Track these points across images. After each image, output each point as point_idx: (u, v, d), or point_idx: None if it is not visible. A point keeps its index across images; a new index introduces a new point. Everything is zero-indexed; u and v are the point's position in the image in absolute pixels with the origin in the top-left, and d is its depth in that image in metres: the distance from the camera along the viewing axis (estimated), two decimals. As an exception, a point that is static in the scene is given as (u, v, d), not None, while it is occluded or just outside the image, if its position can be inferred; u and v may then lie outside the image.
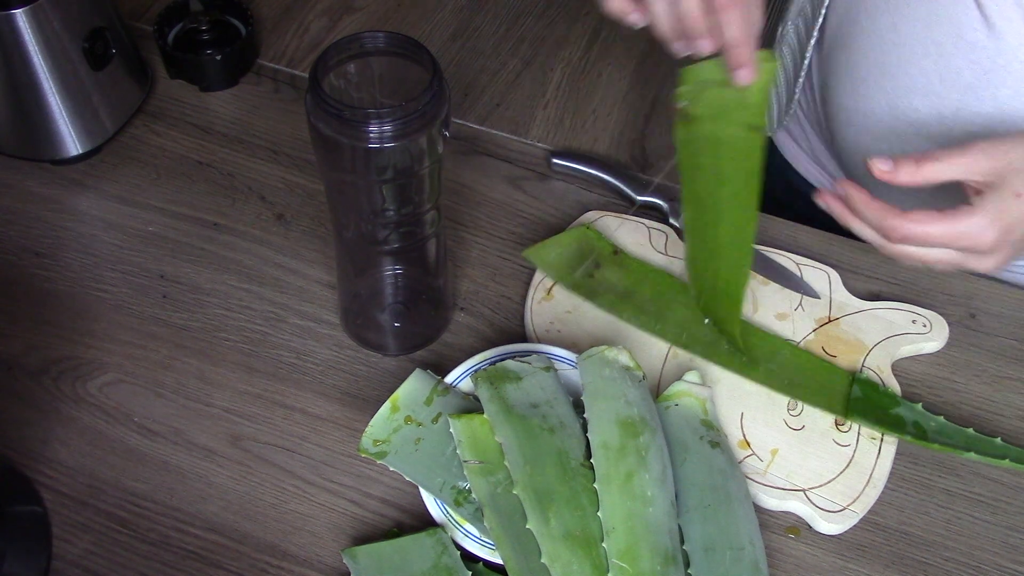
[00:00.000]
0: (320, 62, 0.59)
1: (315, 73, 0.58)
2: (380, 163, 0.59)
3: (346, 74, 0.61)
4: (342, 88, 0.61)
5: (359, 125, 0.57)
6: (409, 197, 0.63)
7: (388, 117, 0.57)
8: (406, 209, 0.64)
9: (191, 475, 0.69)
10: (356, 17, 1.00)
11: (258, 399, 0.73)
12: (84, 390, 0.73)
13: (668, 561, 0.59)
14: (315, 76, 0.58)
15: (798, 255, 0.80)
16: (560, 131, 0.91)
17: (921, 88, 0.75)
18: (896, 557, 0.67)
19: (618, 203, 0.85)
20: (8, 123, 0.83)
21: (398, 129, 0.57)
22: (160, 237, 0.82)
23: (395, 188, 0.62)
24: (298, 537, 0.67)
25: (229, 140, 0.89)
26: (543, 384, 0.66)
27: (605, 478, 0.60)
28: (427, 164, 0.61)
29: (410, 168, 0.60)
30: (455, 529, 0.64)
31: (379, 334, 0.76)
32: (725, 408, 0.72)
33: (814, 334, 0.76)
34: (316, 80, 0.58)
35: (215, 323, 0.77)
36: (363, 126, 0.57)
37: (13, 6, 0.76)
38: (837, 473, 0.69)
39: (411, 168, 0.60)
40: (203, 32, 0.91)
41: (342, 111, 0.57)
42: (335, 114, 0.57)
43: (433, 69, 0.59)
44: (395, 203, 0.63)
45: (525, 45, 0.98)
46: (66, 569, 0.65)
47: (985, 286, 0.80)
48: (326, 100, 0.57)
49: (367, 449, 0.66)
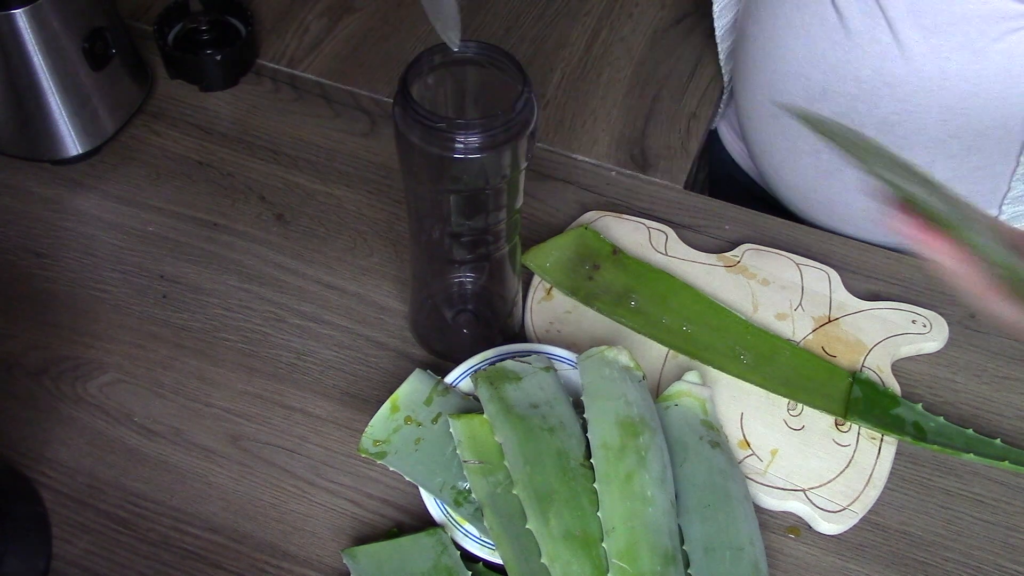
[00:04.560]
0: (411, 70, 0.58)
1: (404, 82, 0.57)
2: (467, 173, 0.58)
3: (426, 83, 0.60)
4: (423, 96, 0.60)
5: (449, 135, 0.56)
6: (492, 207, 0.62)
7: (479, 128, 0.56)
8: (488, 219, 0.62)
9: (191, 475, 0.69)
10: (356, 17, 1.00)
11: (258, 399, 0.73)
12: (84, 390, 0.73)
13: (668, 561, 0.59)
14: (404, 84, 0.57)
15: (798, 255, 0.80)
16: (560, 131, 0.91)
17: (793, 72, 0.80)
18: (896, 557, 0.67)
19: (618, 203, 0.85)
20: (8, 123, 0.83)
21: (487, 140, 0.56)
22: (160, 237, 0.82)
23: (479, 198, 0.61)
24: (298, 537, 0.67)
25: (229, 140, 0.89)
26: (543, 384, 0.66)
27: (605, 478, 0.60)
28: (512, 174, 0.60)
29: (495, 178, 0.59)
30: (455, 529, 0.64)
31: (446, 343, 0.75)
32: (725, 408, 0.72)
33: (814, 334, 0.76)
34: (406, 88, 0.57)
35: (215, 323, 0.77)
36: (453, 136, 0.56)
37: (13, 6, 0.76)
38: (837, 473, 0.69)
39: (496, 178, 0.59)
40: (203, 32, 0.91)
41: (434, 121, 0.56)
42: (426, 124, 0.56)
43: (523, 79, 0.58)
44: (478, 213, 0.62)
45: (525, 45, 0.98)
46: (66, 569, 0.65)
47: (985, 286, 0.80)
48: (416, 110, 0.56)
49: (367, 449, 0.66)
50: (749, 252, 0.81)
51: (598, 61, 0.97)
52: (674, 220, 0.84)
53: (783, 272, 0.79)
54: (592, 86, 0.95)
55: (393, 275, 0.80)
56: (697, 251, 0.81)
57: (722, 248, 0.82)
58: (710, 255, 0.81)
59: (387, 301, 0.78)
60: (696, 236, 0.83)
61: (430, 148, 0.57)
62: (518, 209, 0.64)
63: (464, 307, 0.72)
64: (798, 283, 0.79)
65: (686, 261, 0.80)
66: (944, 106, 0.75)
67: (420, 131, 0.57)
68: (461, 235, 0.63)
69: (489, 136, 0.56)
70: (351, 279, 0.80)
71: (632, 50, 0.98)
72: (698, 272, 0.79)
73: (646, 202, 0.86)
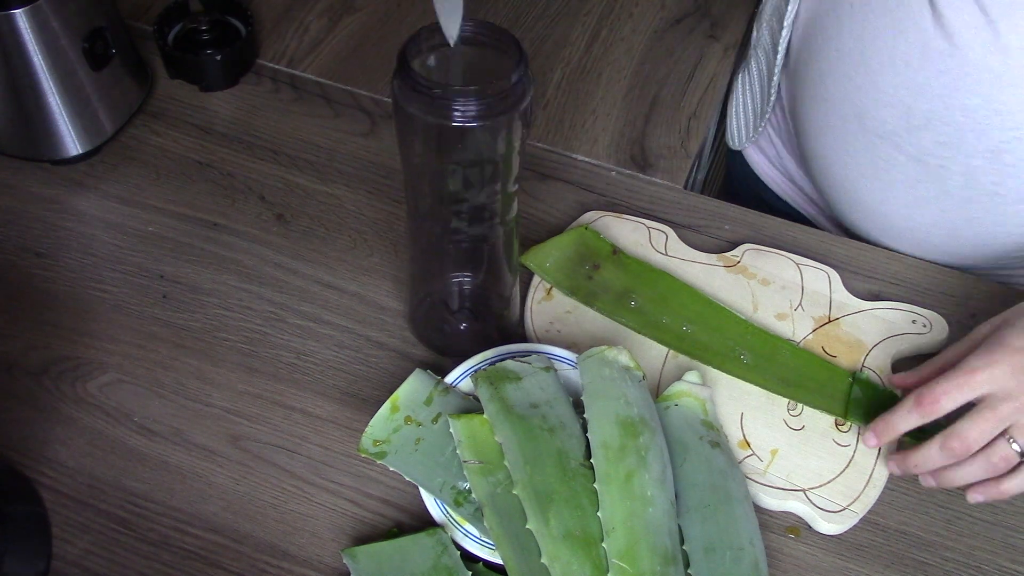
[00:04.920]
0: (410, 43, 0.59)
1: (403, 55, 0.58)
2: (465, 143, 0.59)
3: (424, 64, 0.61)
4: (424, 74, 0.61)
5: (447, 103, 0.57)
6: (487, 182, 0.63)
7: (476, 96, 0.57)
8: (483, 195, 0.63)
9: (191, 475, 0.69)
10: (356, 17, 1.00)
11: (258, 399, 0.73)
12: (84, 390, 0.73)
13: (668, 561, 0.59)
14: (403, 58, 0.58)
15: (798, 255, 0.80)
16: (560, 131, 0.91)
17: (889, 100, 0.76)
18: (896, 557, 0.67)
19: (618, 203, 0.85)
20: (8, 123, 0.83)
21: (485, 108, 0.57)
22: (160, 237, 0.82)
23: (475, 172, 0.61)
24: (298, 537, 0.67)
25: (229, 140, 0.89)
26: (543, 384, 0.66)
27: (605, 478, 0.60)
28: (508, 148, 0.61)
29: (492, 151, 0.60)
30: (455, 529, 0.64)
31: (445, 337, 0.75)
32: (725, 408, 0.72)
33: (814, 334, 0.76)
34: (405, 60, 0.58)
35: (215, 323, 0.77)
36: (451, 104, 0.57)
37: (13, 6, 0.76)
38: (837, 473, 0.69)
39: (493, 151, 0.60)
40: (203, 32, 0.91)
41: (431, 89, 0.57)
42: (424, 93, 0.57)
43: (519, 53, 0.59)
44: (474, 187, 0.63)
45: (525, 45, 0.98)
46: (66, 569, 0.65)
47: (985, 286, 0.80)
48: (415, 79, 0.57)
49: (367, 449, 0.66)
50: (749, 252, 0.81)
51: (598, 61, 0.97)
52: (674, 220, 0.84)
53: (783, 272, 0.79)
54: (592, 86, 0.95)
55: (393, 275, 0.80)
56: (697, 251, 0.81)
57: (722, 248, 0.82)
58: (710, 255, 0.81)
59: (387, 301, 0.78)
60: (696, 236, 0.83)
61: (428, 118, 0.58)
62: (514, 191, 0.65)
63: (462, 304, 0.72)
64: (798, 283, 0.79)
65: (686, 261, 0.80)
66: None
67: (419, 101, 0.58)
68: (459, 212, 0.64)
69: (486, 105, 0.57)
70: (351, 279, 0.80)
71: (632, 50, 0.98)
72: (698, 272, 0.79)
73: (646, 202, 0.86)
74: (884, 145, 0.78)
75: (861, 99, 0.78)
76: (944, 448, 0.64)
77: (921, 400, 0.64)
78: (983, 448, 0.63)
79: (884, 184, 0.81)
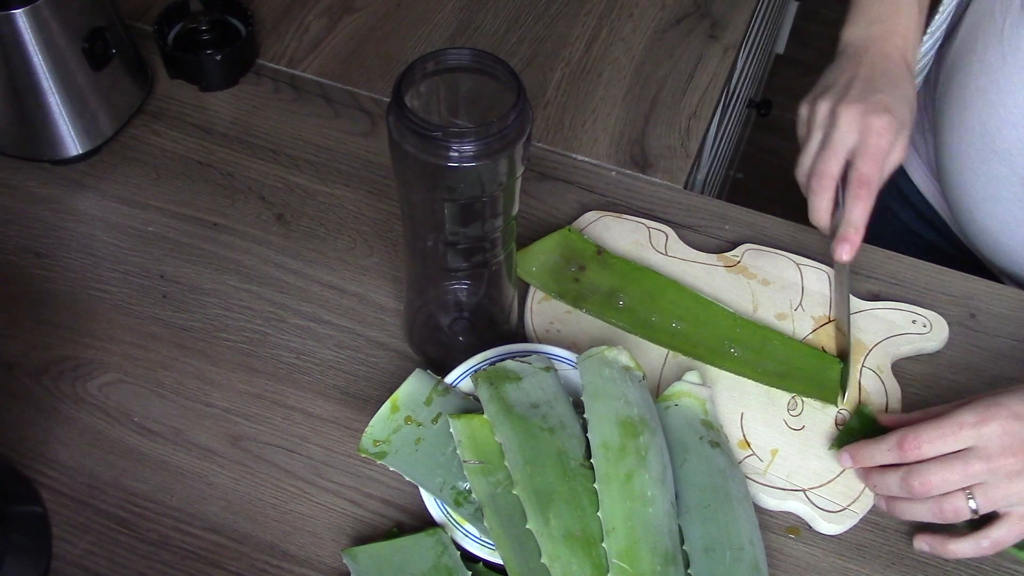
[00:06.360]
0: (404, 78, 0.58)
1: (398, 90, 0.57)
2: (462, 181, 0.58)
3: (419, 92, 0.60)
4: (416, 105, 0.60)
5: (444, 144, 0.56)
6: (488, 214, 0.62)
7: (474, 136, 0.56)
8: (484, 226, 0.62)
9: (191, 475, 0.69)
10: (356, 17, 1.00)
11: (258, 399, 0.73)
12: (84, 390, 0.73)
13: (668, 561, 0.59)
14: (398, 93, 0.57)
15: (798, 255, 0.80)
16: (560, 131, 0.91)
17: (1013, 119, 0.77)
18: (896, 557, 0.67)
19: (618, 203, 0.85)
20: (8, 123, 0.83)
21: (482, 148, 0.56)
22: (160, 237, 0.82)
23: (474, 206, 0.60)
24: (298, 537, 0.67)
25: (229, 140, 0.89)
26: (543, 384, 0.66)
27: (605, 478, 0.60)
28: (510, 179, 0.60)
29: (491, 186, 0.59)
30: (455, 529, 0.64)
31: (442, 349, 0.74)
32: (725, 408, 0.72)
33: (814, 334, 0.76)
34: (400, 97, 0.57)
35: (215, 323, 0.77)
36: (448, 145, 0.56)
37: (13, 6, 0.76)
38: (837, 473, 0.69)
39: (491, 186, 0.59)
40: (203, 32, 0.91)
41: (429, 130, 0.56)
42: (420, 132, 0.56)
43: (517, 88, 0.58)
44: (473, 221, 0.62)
45: (525, 45, 0.98)
46: (66, 569, 0.65)
47: (985, 286, 0.80)
48: (410, 118, 0.56)
49: (367, 449, 0.66)
50: (749, 252, 0.81)
51: (598, 61, 0.97)
52: (674, 220, 0.84)
53: (783, 272, 0.79)
54: (592, 86, 0.95)
55: (393, 275, 0.80)
56: (697, 251, 0.81)
57: (722, 248, 0.82)
58: (710, 255, 0.80)
59: (387, 301, 0.78)
60: (696, 236, 0.83)
61: (425, 157, 0.57)
62: (514, 216, 0.64)
63: (460, 315, 0.72)
64: (798, 283, 0.79)
65: (686, 261, 0.80)
66: None
67: (415, 140, 0.57)
68: (457, 243, 0.63)
69: (484, 145, 0.56)
70: (351, 279, 0.80)
71: (632, 50, 0.98)
72: (698, 272, 0.79)
73: (646, 202, 0.86)
74: (998, 162, 0.79)
75: (990, 115, 0.79)
76: (904, 483, 0.63)
77: (904, 444, 0.63)
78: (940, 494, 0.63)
79: (992, 199, 0.82)
